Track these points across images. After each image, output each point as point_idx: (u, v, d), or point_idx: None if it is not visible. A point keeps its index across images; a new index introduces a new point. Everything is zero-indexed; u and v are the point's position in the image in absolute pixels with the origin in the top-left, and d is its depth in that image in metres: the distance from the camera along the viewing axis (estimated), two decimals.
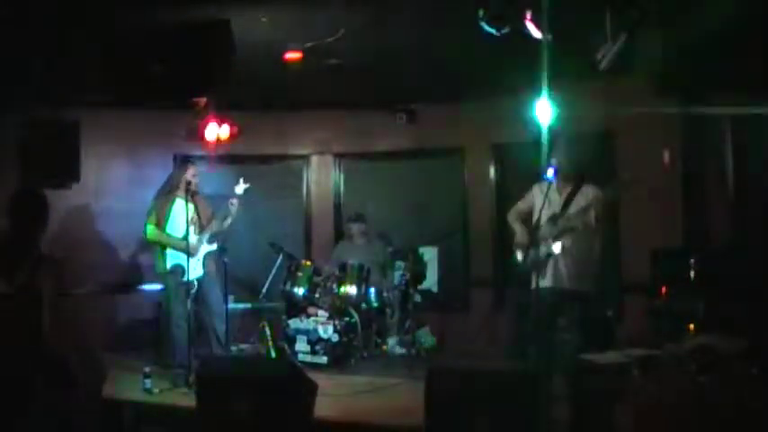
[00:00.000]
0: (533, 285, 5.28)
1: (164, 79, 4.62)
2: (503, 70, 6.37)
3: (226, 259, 6.14)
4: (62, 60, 5.74)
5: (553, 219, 5.31)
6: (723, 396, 3.45)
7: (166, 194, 6.09)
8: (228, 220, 6.15)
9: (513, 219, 5.70)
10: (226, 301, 6.17)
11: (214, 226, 6.09)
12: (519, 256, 5.55)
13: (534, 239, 5.35)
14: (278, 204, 7.98)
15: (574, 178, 5.41)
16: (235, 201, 6.08)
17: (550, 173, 5.01)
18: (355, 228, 7.49)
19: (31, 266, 3.11)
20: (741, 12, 3.76)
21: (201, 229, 6.04)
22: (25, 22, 4.91)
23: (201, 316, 6.01)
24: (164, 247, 5.96)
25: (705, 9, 3.84)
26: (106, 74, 4.85)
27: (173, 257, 5.91)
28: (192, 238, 5.94)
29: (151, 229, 5.97)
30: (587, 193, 5.34)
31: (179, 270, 5.81)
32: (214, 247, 6.13)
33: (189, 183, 5.98)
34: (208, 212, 6.14)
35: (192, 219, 6.00)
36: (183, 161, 6.28)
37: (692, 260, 5.42)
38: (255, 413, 4.00)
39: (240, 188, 6.14)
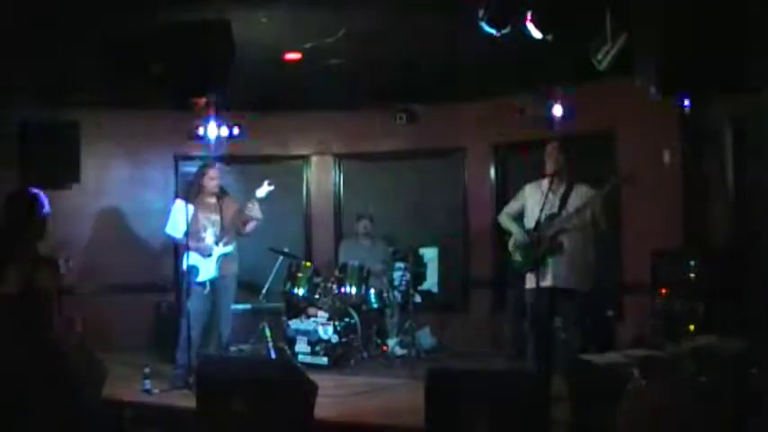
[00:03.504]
0: (532, 285, 5.30)
1: (164, 79, 4.61)
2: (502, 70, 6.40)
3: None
4: (62, 60, 5.75)
5: (550, 218, 5.31)
6: (723, 396, 3.45)
7: (181, 196, 6.12)
8: (252, 225, 6.08)
9: (506, 219, 5.70)
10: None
11: (236, 229, 6.02)
12: (517, 256, 5.55)
13: (532, 239, 5.36)
14: (278, 205, 7.97)
15: (567, 178, 5.41)
16: (252, 205, 5.99)
17: None
18: (369, 226, 7.50)
19: (29, 268, 3.10)
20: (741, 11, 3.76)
21: (223, 230, 5.99)
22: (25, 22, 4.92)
23: (210, 317, 6.00)
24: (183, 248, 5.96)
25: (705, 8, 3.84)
26: (106, 74, 4.85)
27: (188, 257, 5.89)
28: (209, 240, 5.93)
29: (167, 232, 6.04)
30: (583, 193, 5.34)
31: (192, 270, 5.80)
32: (230, 249, 6.07)
33: (202, 185, 5.97)
34: (233, 214, 6.05)
35: (213, 220, 5.99)
36: (203, 164, 6.22)
37: (693, 261, 5.42)
38: (255, 414, 3.99)
39: (262, 191, 6.00)
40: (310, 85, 6.87)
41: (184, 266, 5.92)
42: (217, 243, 5.96)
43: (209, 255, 5.92)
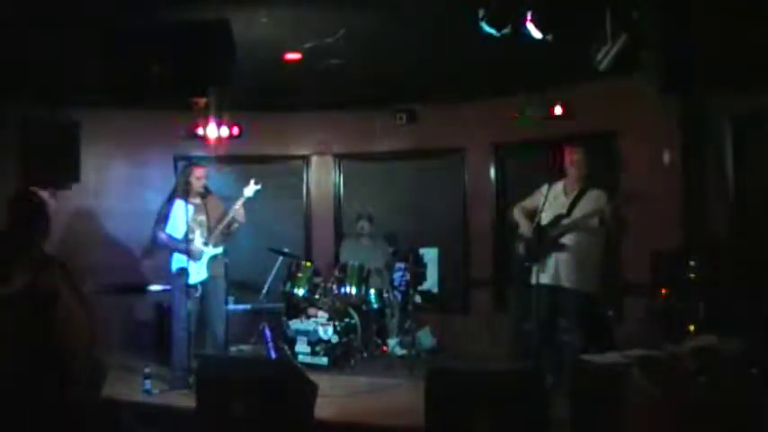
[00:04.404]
0: (533, 281, 5.35)
1: (164, 79, 4.61)
2: (502, 70, 6.40)
3: (226, 260, 6.14)
4: (62, 60, 5.75)
5: (558, 219, 5.38)
6: (723, 396, 3.45)
7: (169, 197, 6.12)
8: (236, 225, 6.10)
9: (518, 213, 5.78)
10: (226, 303, 6.18)
11: (221, 229, 6.03)
12: (521, 249, 5.63)
13: (538, 235, 5.44)
14: (278, 205, 7.98)
15: (583, 182, 5.50)
16: (238, 207, 6.00)
17: None
18: (367, 226, 7.50)
19: (34, 268, 3.10)
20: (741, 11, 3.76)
21: (209, 231, 6.00)
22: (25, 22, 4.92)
23: (203, 318, 6.01)
24: (172, 250, 5.99)
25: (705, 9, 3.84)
26: (106, 74, 4.85)
27: (178, 260, 5.91)
28: (198, 241, 5.94)
29: (157, 233, 6.02)
30: (594, 198, 5.41)
31: (183, 273, 5.81)
32: (220, 250, 6.08)
33: (189, 184, 5.98)
34: (219, 214, 6.07)
35: (199, 221, 5.99)
36: (189, 163, 6.24)
37: (692, 261, 5.42)
38: (255, 414, 4.00)
39: (250, 190, 6.04)
40: (310, 85, 6.87)
41: (174, 268, 5.94)
42: (206, 245, 5.97)
43: (200, 257, 5.93)
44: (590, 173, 5.54)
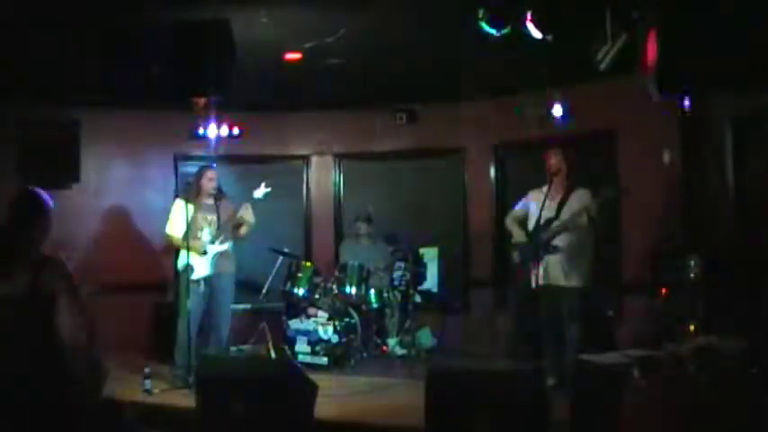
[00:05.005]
0: (531, 285, 5.42)
1: (164, 79, 4.60)
2: (503, 70, 6.40)
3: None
4: (62, 60, 5.75)
5: (548, 222, 5.49)
6: (723, 396, 3.45)
7: (177, 197, 6.21)
8: (245, 228, 6.11)
9: (510, 222, 5.97)
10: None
11: (230, 229, 6.05)
12: (516, 257, 5.80)
13: (530, 241, 5.56)
14: (278, 205, 7.98)
15: (566, 184, 5.57)
16: (246, 209, 6.01)
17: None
18: (364, 227, 7.50)
19: (34, 268, 3.10)
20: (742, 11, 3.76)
21: (218, 230, 6.02)
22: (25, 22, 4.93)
23: (208, 317, 6.01)
24: (178, 248, 6.04)
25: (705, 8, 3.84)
26: (106, 74, 4.85)
27: (182, 258, 5.93)
28: (205, 239, 5.96)
29: (166, 232, 6.10)
30: (580, 198, 5.50)
31: (188, 269, 5.82)
32: (225, 246, 6.08)
33: (200, 186, 6.02)
34: (228, 216, 6.08)
35: (210, 220, 6.03)
36: (201, 165, 6.28)
37: (693, 261, 5.44)
38: (255, 414, 4.00)
39: (260, 192, 6.02)
40: (310, 85, 6.87)
41: (179, 266, 5.96)
42: (212, 242, 5.98)
43: (204, 252, 5.94)
44: (572, 173, 5.63)
